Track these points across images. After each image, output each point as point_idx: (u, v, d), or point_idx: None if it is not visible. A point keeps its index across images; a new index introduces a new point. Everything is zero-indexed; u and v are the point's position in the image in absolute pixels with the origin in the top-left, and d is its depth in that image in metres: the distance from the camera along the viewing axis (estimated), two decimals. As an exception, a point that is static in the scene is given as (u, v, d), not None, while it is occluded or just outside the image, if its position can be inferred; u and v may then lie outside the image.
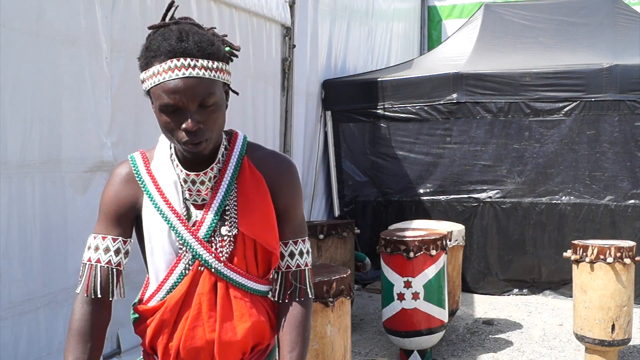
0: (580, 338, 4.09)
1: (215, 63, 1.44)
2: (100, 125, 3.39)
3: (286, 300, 1.60)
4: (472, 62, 6.38)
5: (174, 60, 1.40)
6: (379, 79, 6.48)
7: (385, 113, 6.42)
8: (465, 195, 6.14)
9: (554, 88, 5.82)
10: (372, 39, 8.32)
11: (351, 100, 6.53)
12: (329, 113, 6.64)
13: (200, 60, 1.41)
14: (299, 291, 1.60)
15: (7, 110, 2.83)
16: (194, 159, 1.52)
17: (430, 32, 10.64)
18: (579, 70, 5.75)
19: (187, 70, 1.39)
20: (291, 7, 5.63)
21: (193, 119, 1.40)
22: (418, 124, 6.31)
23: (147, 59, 1.44)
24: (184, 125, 1.40)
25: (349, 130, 6.63)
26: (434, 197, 6.25)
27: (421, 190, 6.31)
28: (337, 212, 6.66)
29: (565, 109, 5.80)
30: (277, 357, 1.68)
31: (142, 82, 1.47)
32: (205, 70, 1.41)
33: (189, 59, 1.40)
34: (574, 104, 5.77)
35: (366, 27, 8.08)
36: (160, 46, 1.42)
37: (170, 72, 1.39)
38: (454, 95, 6.10)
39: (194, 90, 1.39)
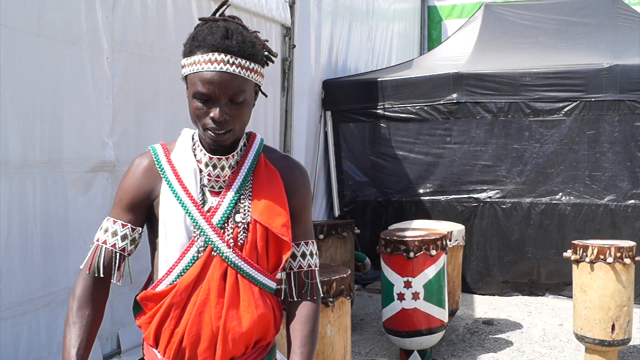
0: (580, 338, 4.10)
1: (252, 64, 1.54)
2: (101, 125, 3.39)
3: (299, 299, 1.66)
4: (472, 62, 6.38)
5: (215, 54, 1.50)
6: (379, 79, 6.48)
7: (385, 113, 6.42)
8: (465, 195, 6.14)
9: (554, 88, 5.82)
10: (372, 39, 8.32)
11: (351, 100, 6.53)
12: (329, 113, 6.64)
13: (239, 59, 1.51)
14: (311, 289, 1.67)
15: (8, 110, 2.83)
16: (215, 147, 1.59)
17: (430, 32, 10.64)
18: (579, 70, 5.75)
19: (225, 65, 1.49)
20: (291, 7, 5.63)
21: (221, 110, 1.50)
22: (418, 124, 6.31)
23: (192, 47, 1.53)
24: (212, 114, 1.50)
25: (349, 130, 6.64)
26: (434, 197, 6.26)
27: (421, 190, 6.31)
28: (337, 212, 6.66)
29: (565, 109, 5.81)
30: (276, 357, 1.69)
31: (182, 67, 1.56)
32: (242, 69, 1.52)
33: (229, 56, 1.50)
34: (574, 104, 5.77)
35: (367, 27, 8.08)
36: (205, 38, 1.51)
37: (209, 64, 1.49)
38: (454, 95, 6.10)
39: (228, 85, 1.50)
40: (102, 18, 3.34)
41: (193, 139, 1.64)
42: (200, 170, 1.60)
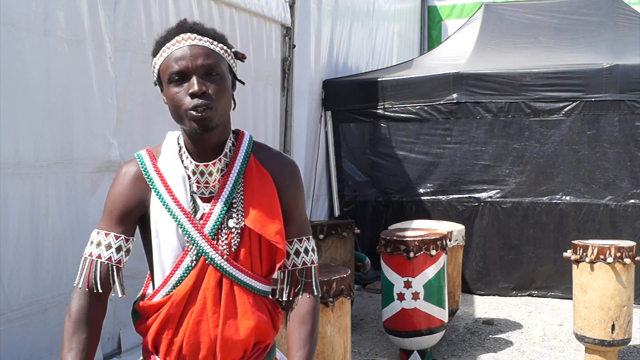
0: (580, 338, 4.10)
1: (220, 44, 1.54)
2: (107, 125, 3.40)
3: (291, 298, 1.63)
4: (472, 62, 6.39)
5: (182, 34, 1.52)
6: (379, 79, 6.48)
7: (385, 113, 6.42)
8: (466, 195, 6.14)
9: (554, 88, 5.83)
10: (372, 39, 8.33)
11: (351, 100, 6.54)
12: (329, 113, 6.64)
13: (205, 37, 1.53)
14: (305, 288, 1.63)
15: (19, 110, 2.83)
16: (201, 142, 1.55)
17: (430, 32, 10.64)
18: (579, 70, 5.75)
19: (193, 40, 1.51)
20: (291, 7, 5.63)
21: (199, 82, 1.47)
22: (418, 124, 6.31)
23: (158, 45, 1.55)
24: (190, 90, 1.47)
25: (349, 130, 6.64)
26: (434, 197, 6.26)
27: (421, 190, 6.31)
28: (337, 212, 6.66)
29: (565, 109, 5.81)
30: (276, 357, 1.69)
31: (153, 67, 1.55)
32: (211, 45, 1.52)
33: (195, 34, 1.52)
34: (574, 104, 5.77)
35: (367, 27, 8.08)
36: (169, 32, 1.54)
37: (178, 43, 1.51)
38: (454, 95, 6.10)
39: (201, 56, 1.49)
40: (104, 18, 3.34)
41: (179, 143, 1.61)
42: (189, 177, 1.57)
